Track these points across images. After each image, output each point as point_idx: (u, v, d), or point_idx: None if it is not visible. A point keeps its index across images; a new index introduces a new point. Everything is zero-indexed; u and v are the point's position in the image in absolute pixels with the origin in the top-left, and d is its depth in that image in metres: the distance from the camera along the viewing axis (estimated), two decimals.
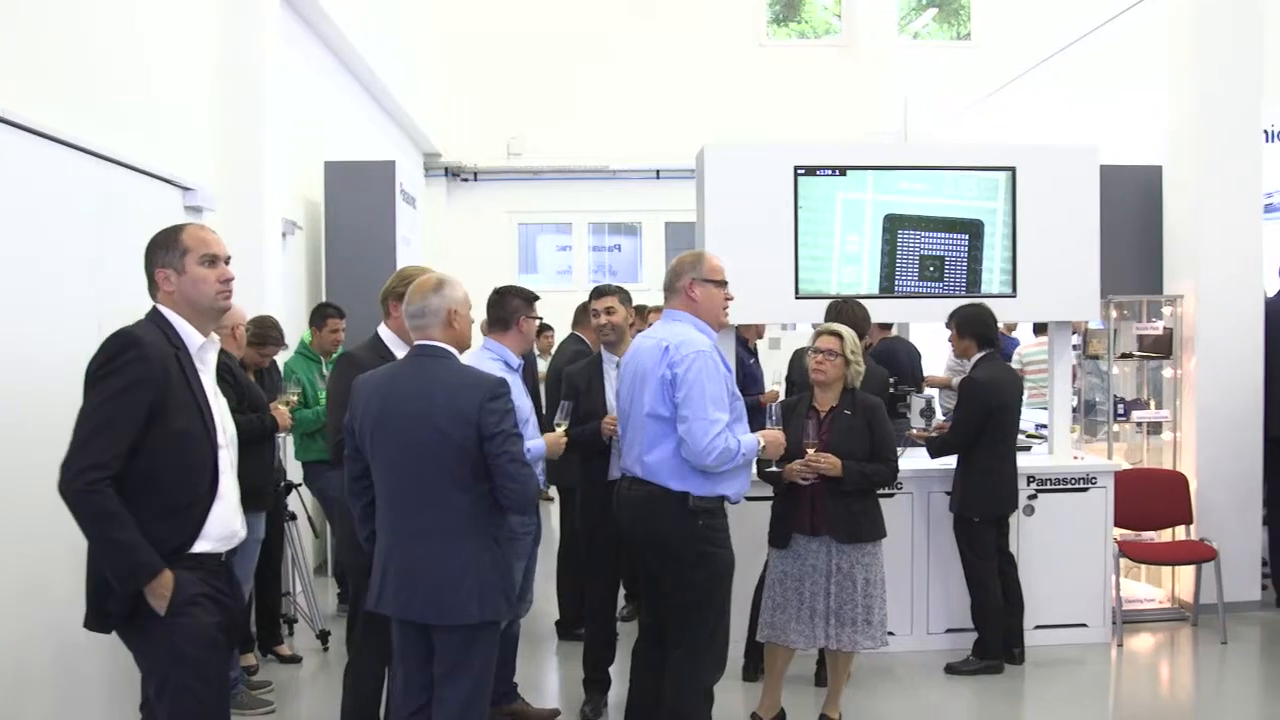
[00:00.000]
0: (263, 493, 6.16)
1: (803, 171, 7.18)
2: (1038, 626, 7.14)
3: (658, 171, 16.13)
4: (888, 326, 9.26)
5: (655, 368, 4.78)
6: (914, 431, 7.21)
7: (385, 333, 5.07)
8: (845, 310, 6.44)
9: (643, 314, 7.54)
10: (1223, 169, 8.03)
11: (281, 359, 7.50)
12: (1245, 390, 7.99)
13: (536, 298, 5.51)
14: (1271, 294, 8.30)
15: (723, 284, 4.98)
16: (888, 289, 7.22)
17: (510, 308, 5.40)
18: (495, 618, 4.12)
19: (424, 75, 14.55)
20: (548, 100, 16.16)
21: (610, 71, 16.18)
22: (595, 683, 6.14)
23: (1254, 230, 8.09)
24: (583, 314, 7.59)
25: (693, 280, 4.91)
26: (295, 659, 7.02)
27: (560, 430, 5.45)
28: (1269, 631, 7.74)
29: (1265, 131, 13.94)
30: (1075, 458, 7.58)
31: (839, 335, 5.69)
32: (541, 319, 5.92)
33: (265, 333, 6.77)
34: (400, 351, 4.81)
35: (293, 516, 7.18)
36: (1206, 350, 7.99)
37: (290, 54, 8.58)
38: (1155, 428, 8.28)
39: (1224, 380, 7.97)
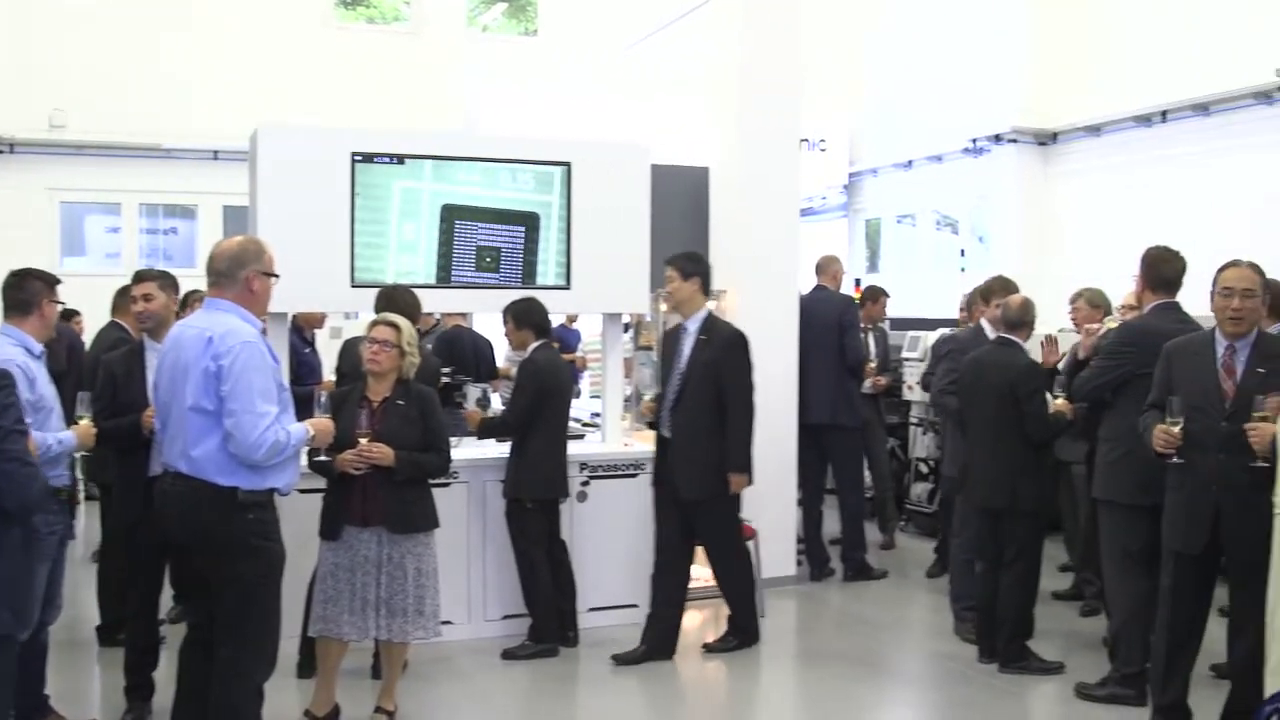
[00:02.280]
0: None
1: (360, 158, 7.08)
2: (591, 609, 7.33)
3: (215, 152, 15.44)
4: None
5: (198, 359, 4.54)
6: (469, 412, 7.25)
7: None
8: (395, 298, 6.39)
9: (190, 301, 7.17)
10: (764, 173, 8.54)
11: None
12: (782, 381, 8.51)
13: (58, 281, 5.16)
14: (806, 291, 8.93)
15: (276, 275, 4.82)
16: (444, 279, 7.23)
17: (31, 291, 5.06)
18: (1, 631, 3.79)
19: None
20: (96, 70, 15.13)
21: (165, 42, 15.39)
22: (137, 689, 5.78)
23: (791, 231, 8.66)
24: (122, 299, 7.15)
25: (255, 272, 4.71)
26: None
27: (84, 422, 5.13)
28: (802, 604, 8.33)
29: (805, 140, 15.06)
30: (626, 445, 7.84)
31: (396, 326, 5.63)
32: (64, 304, 5.52)
33: None
34: None
35: None
36: None
37: None
38: None
39: (763, 371, 8.43)
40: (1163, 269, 6.10)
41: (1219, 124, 11.80)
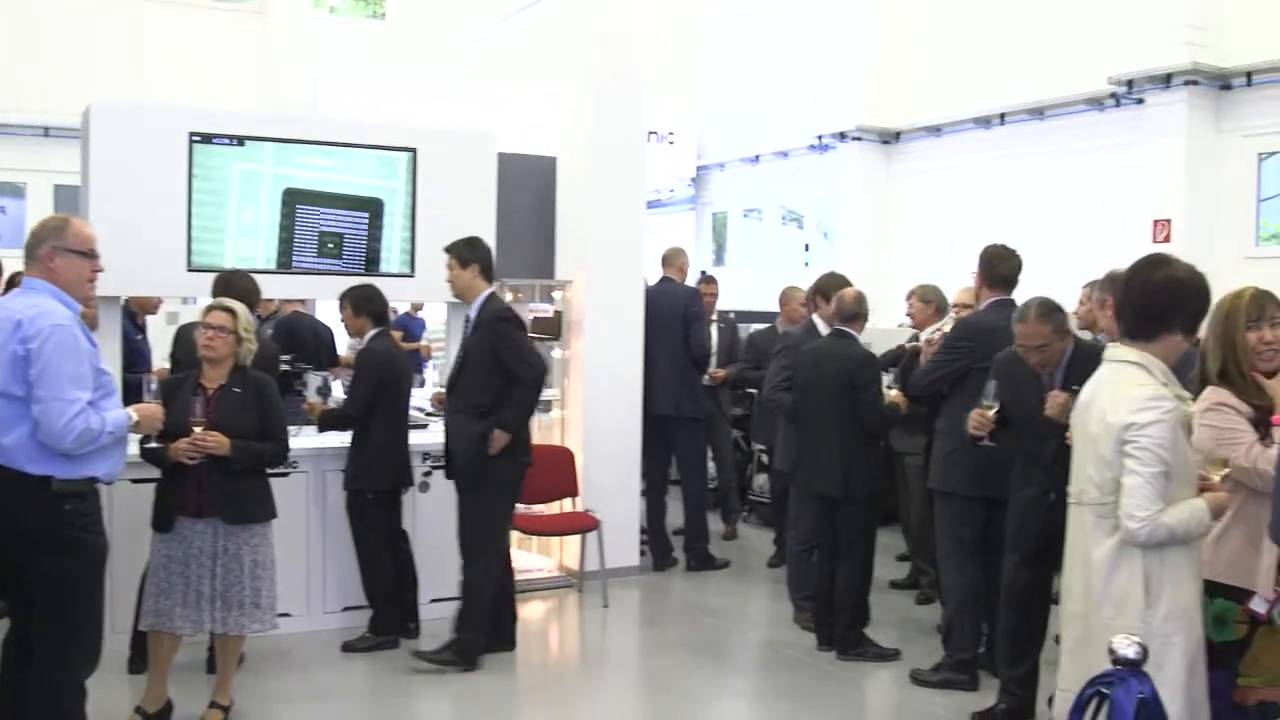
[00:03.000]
0: None
1: (198, 139, 6.90)
2: (433, 600, 7.25)
3: (46, 129, 14.87)
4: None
5: (6, 343, 4.35)
6: (310, 404, 7.12)
7: None
8: (232, 283, 6.25)
9: (15, 283, 6.90)
10: (611, 164, 8.54)
11: None
12: (627, 371, 8.56)
13: None
14: (653, 282, 8.98)
15: (89, 255, 4.61)
16: (285, 265, 7.09)
17: None
18: None
19: None
20: None
21: None
22: None
23: (638, 222, 8.69)
24: None
25: (53, 249, 4.50)
26: None
27: None
28: (645, 594, 8.37)
29: (653, 132, 15.12)
30: None
31: (232, 312, 5.50)
32: None
33: None
34: None
35: None
36: (593, 333, 8.48)
37: None
38: (545, 406, 8.68)
39: (608, 361, 8.50)
40: (999, 266, 6.28)
41: (1054, 127, 12.19)
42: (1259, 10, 10.36)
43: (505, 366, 6.43)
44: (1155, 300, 3.67)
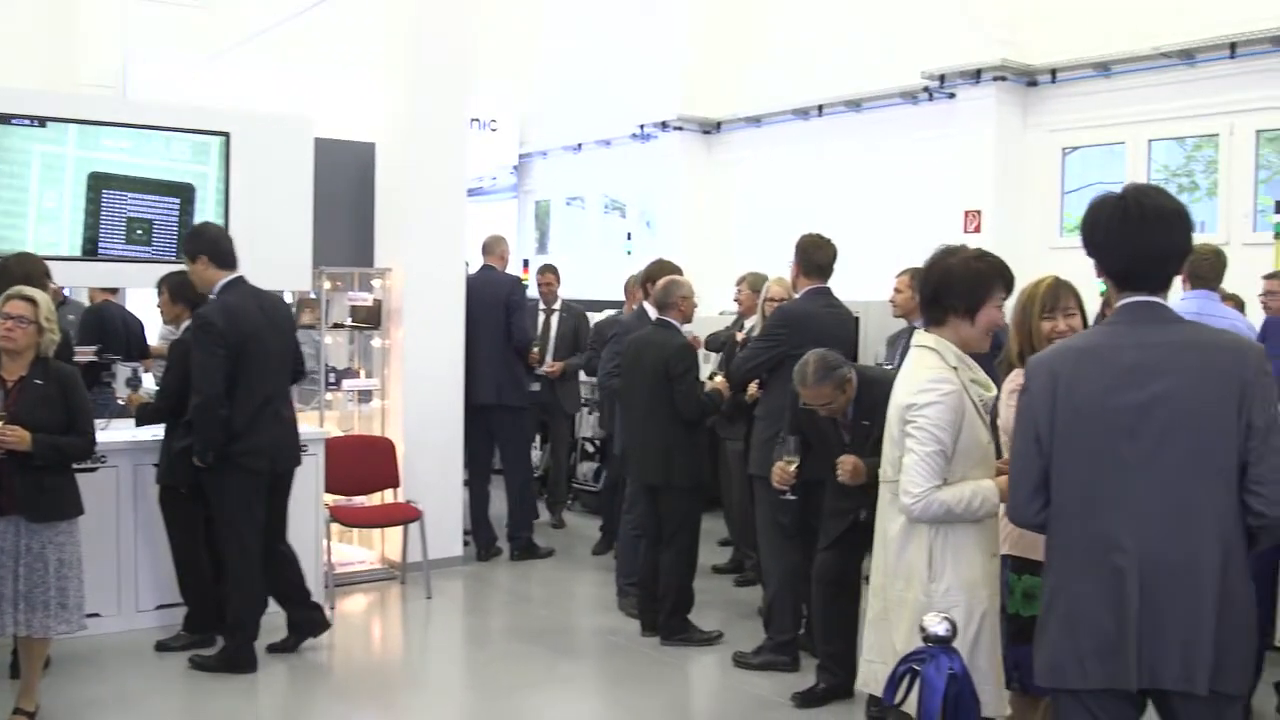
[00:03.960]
0: None
1: None
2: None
3: None
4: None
5: None
6: (131, 397, 6.87)
7: None
8: (9, 268, 5.93)
9: None
10: (432, 150, 8.44)
11: None
12: (448, 360, 8.49)
13: None
14: (474, 270, 8.92)
15: None
16: (91, 251, 6.83)
17: None
18: None
19: None
20: None
21: None
22: None
23: (458, 210, 8.62)
24: None
25: None
26: None
27: None
28: (469, 584, 8.33)
29: (475, 119, 14.99)
30: None
31: (33, 301, 5.27)
32: None
33: None
34: None
35: None
36: (413, 322, 8.38)
37: None
38: (366, 395, 8.58)
39: (429, 351, 8.41)
40: (815, 255, 6.41)
41: (870, 119, 12.48)
42: (1064, 10, 10.79)
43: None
44: (932, 287, 3.86)
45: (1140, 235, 3.14)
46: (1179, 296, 5.94)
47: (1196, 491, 3.03)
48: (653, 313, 7.39)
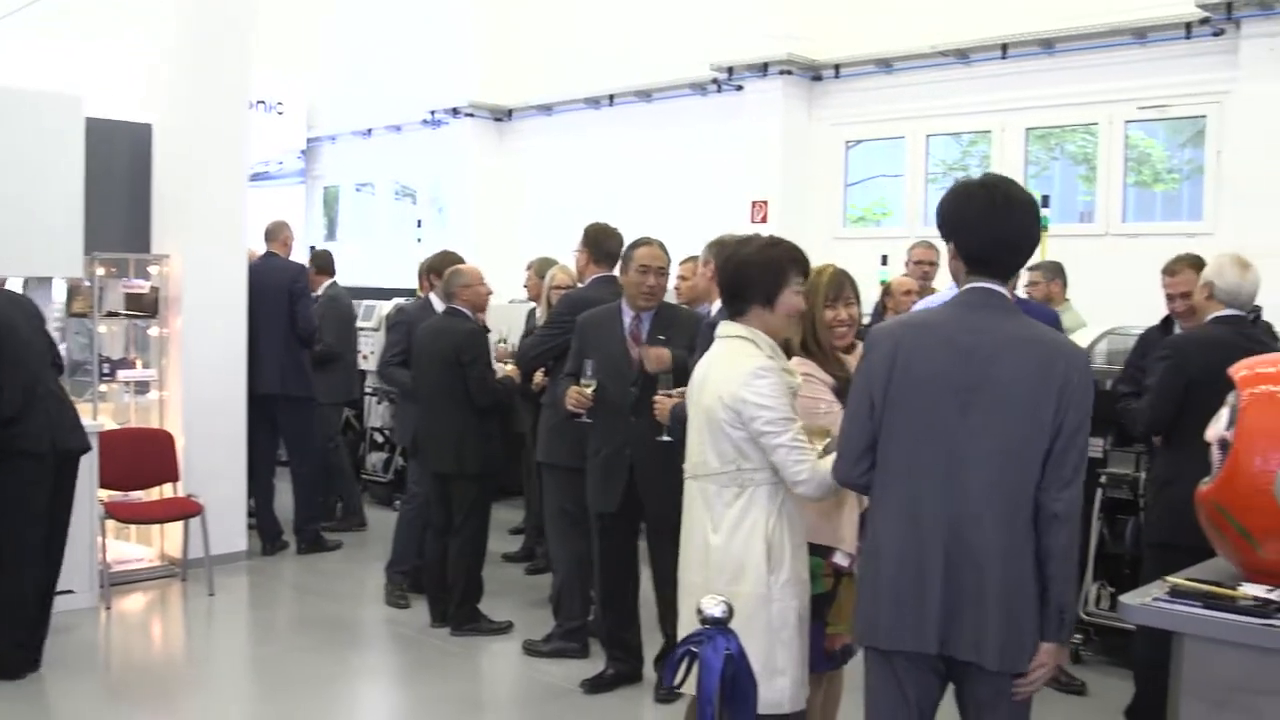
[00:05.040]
0: None
1: None
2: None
3: None
4: None
5: None
6: None
7: None
8: None
9: None
10: (211, 132, 8.17)
11: None
12: (230, 349, 8.24)
13: None
14: (257, 257, 8.69)
15: None
16: None
17: None
18: None
19: None
20: None
21: None
22: None
23: (239, 195, 8.36)
24: None
25: None
26: None
27: None
28: (254, 579, 8.13)
29: (261, 101, 14.62)
30: None
31: None
32: None
33: None
34: None
35: None
36: (192, 310, 8.09)
37: None
38: (142, 387, 8.25)
39: (209, 340, 8.15)
40: (606, 243, 6.45)
41: (661, 110, 12.64)
42: (848, 8, 11.09)
43: None
44: (730, 279, 3.89)
45: (1006, 221, 3.28)
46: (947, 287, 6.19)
47: (1005, 474, 3.18)
48: (438, 303, 7.35)
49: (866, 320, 6.27)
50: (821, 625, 4.02)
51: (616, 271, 6.14)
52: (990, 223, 3.28)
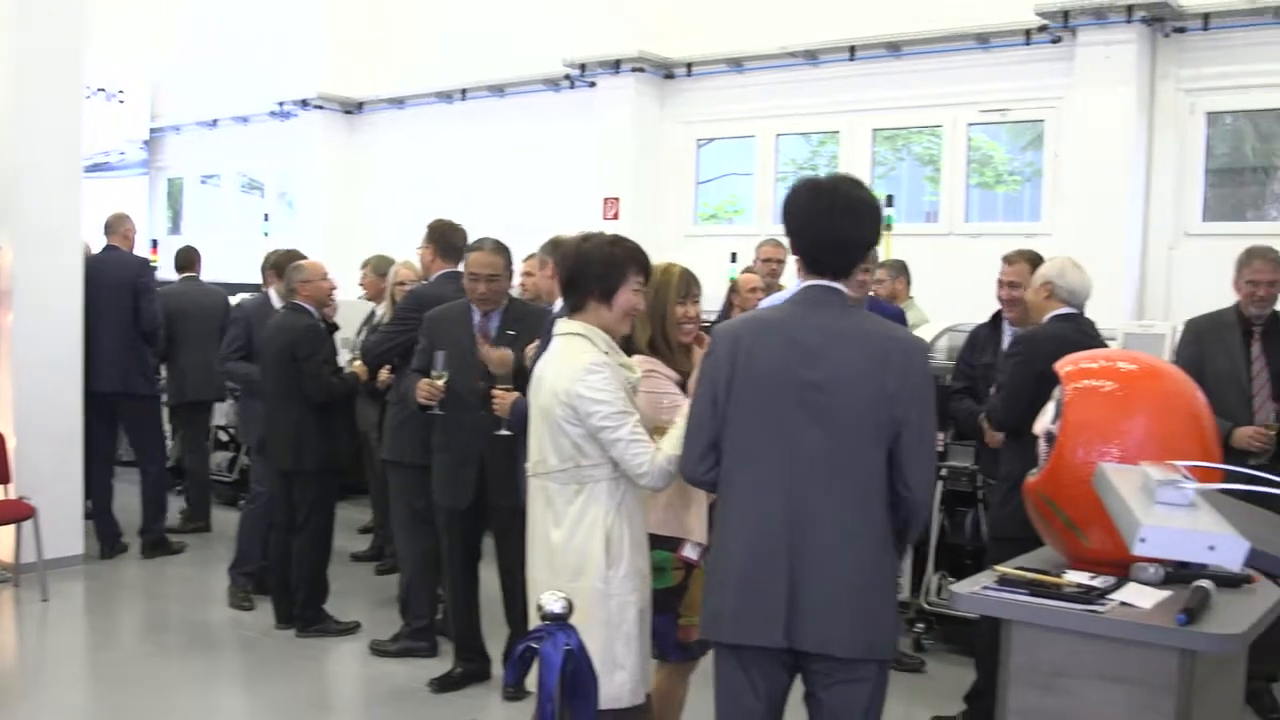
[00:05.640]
0: None
1: None
2: None
3: None
4: None
5: None
6: None
7: None
8: None
9: None
10: (42, 121, 7.88)
11: None
12: (65, 346, 7.96)
13: None
14: (96, 250, 8.43)
15: None
16: None
17: None
18: None
19: None
20: None
21: None
22: None
23: (74, 185, 8.09)
24: None
25: None
26: None
27: None
28: (91, 583, 7.88)
29: (101, 89, 14.20)
30: None
31: None
32: None
33: None
34: None
35: None
36: (24, 305, 7.79)
37: None
38: None
39: (42, 336, 7.86)
40: (450, 238, 6.42)
41: (514, 105, 12.62)
42: (700, 7, 11.18)
43: None
44: (569, 273, 3.88)
45: (830, 221, 3.33)
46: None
47: (848, 467, 3.25)
48: (276, 299, 7.24)
49: (711, 318, 6.33)
50: (674, 617, 4.07)
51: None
52: (820, 223, 3.35)
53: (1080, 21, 8.94)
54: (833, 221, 3.33)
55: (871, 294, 6.72)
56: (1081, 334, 4.95)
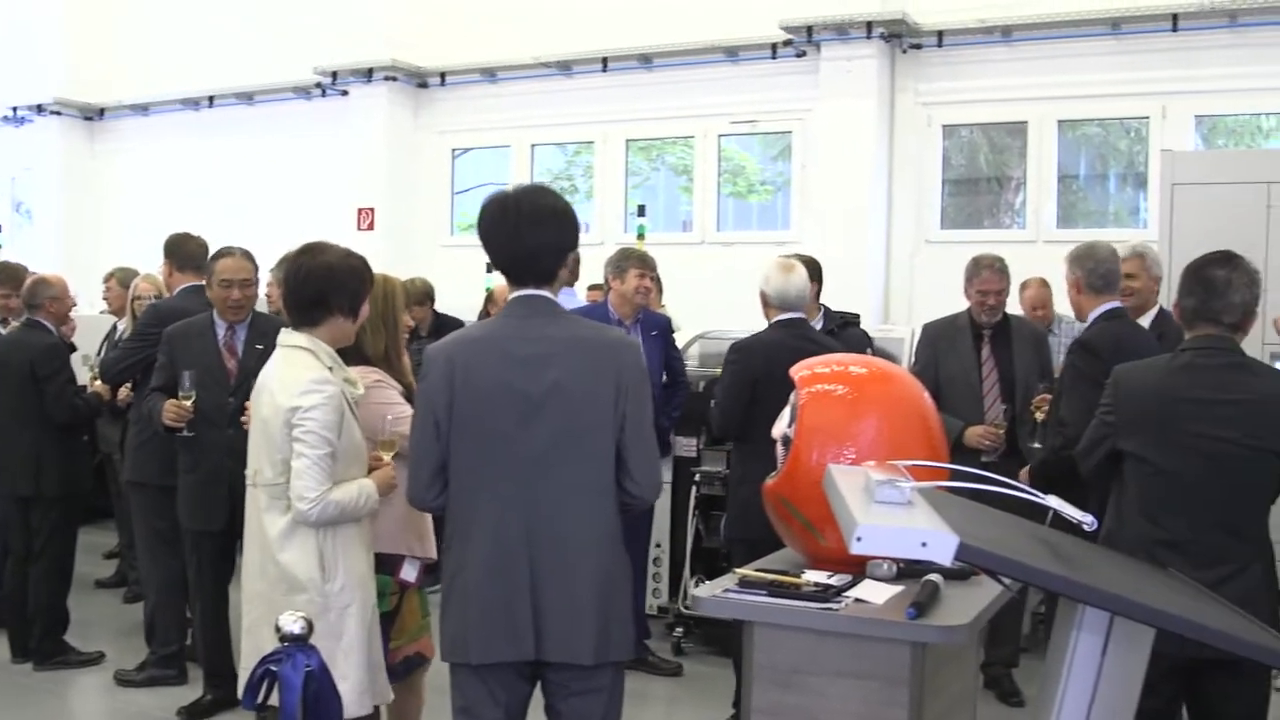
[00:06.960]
0: None
1: None
2: None
3: None
4: None
5: None
6: None
7: None
8: None
9: None
10: None
11: None
12: None
13: None
14: None
15: None
16: None
17: None
18: None
19: None
20: None
21: None
22: None
23: None
24: None
25: None
26: None
27: None
28: None
29: None
30: None
31: None
32: None
33: None
34: None
35: None
36: None
37: None
38: None
39: None
40: (186, 248, 6.29)
41: (264, 114, 12.33)
42: (453, 16, 11.12)
43: None
44: (310, 286, 3.77)
45: (517, 231, 3.32)
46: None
47: (580, 473, 3.28)
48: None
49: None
50: (384, 641, 4.00)
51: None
52: (506, 233, 3.36)
53: (823, 36, 9.26)
54: (520, 233, 3.33)
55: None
56: (799, 338, 5.02)
